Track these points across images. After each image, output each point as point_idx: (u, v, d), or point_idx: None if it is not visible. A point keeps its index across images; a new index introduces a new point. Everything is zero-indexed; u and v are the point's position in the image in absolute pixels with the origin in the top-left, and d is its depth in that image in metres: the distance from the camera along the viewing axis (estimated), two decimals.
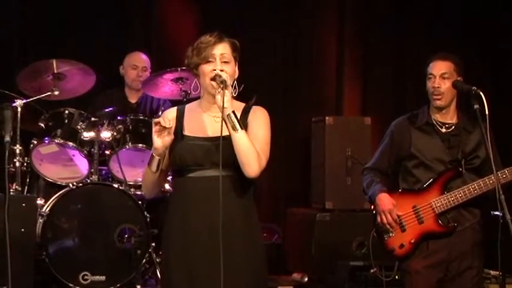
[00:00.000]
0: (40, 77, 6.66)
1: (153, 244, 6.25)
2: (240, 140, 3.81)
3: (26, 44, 7.78)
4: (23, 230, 5.33)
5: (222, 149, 3.80)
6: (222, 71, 3.87)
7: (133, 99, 7.40)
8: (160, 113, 6.87)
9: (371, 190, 5.10)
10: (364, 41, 8.15)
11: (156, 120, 3.84)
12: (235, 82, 3.98)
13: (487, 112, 4.62)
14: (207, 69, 3.91)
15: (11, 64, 7.56)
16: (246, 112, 4.00)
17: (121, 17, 7.95)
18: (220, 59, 3.92)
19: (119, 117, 6.56)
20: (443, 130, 5.07)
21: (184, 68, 6.60)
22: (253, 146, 3.83)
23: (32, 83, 6.67)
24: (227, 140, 3.83)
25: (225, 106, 3.79)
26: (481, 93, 4.66)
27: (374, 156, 5.28)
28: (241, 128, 3.81)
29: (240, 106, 4.00)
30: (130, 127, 6.56)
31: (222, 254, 3.74)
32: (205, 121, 3.97)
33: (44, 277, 6.10)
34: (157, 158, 3.90)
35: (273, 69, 7.98)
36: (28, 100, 6.28)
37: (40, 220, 6.07)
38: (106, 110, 6.54)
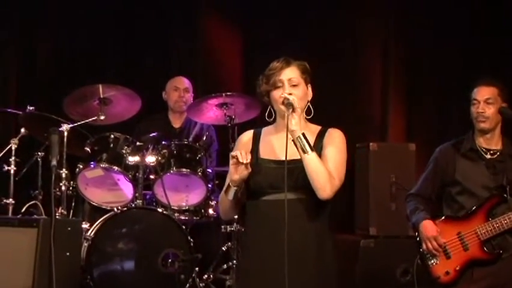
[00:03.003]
0: (86, 101, 6.72)
1: (197, 269, 6.25)
2: (311, 162, 3.83)
3: (73, 69, 7.89)
4: (68, 253, 5.35)
5: (295, 172, 3.85)
6: (290, 94, 3.92)
7: (176, 124, 7.45)
8: (204, 138, 6.89)
9: (414, 217, 5.09)
10: (409, 67, 8.12)
11: (233, 154, 3.86)
12: (309, 104, 4.03)
13: None
14: (276, 94, 3.96)
15: (58, 89, 7.66)
16: (321, 135, 4.04)
17: (166, 43, 8.03)
18: (289, 83, 3.97)
19: (163, 142, 6.59)
20: (488, 156, 5.05)
21: (229, 93, 6.65)
22: (324, 168, 3.85)
23: (78, 108, 6.73)
24: (300, 164, 3.85)
25: (293, 129, 3.83)
26: None
27: (418, 182, 5.27)
28: (312, 150, 3.84)
29: (316, 129, 4.06)
30: (175, 152, 6.58)
31: (294, 278, 3.77)
32: (280, 145, 3.97)
33: None
34: (234, 188, 3.93)
35: (316, 95, 7.96)
36: (74, 125, 6.33)
37: (85, 244, 6.09)
38: (151, 134, 6.56)
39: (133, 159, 6.47)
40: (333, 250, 4.05)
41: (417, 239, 5.08)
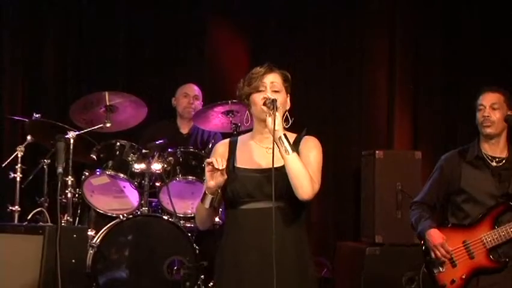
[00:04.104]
0: (93, 109, 6.73)
1: (202, 276, 6.25)
2: (292, 162, 3.83)
3: (79, 76, 7.91)
4: (73, 260, 5.36)
5: (274, 180, 3.82)
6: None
7: (184, 130, 7.46)
8: (210, 145, 6.90)
9: (420, 226, 5.09)
10: (414, 75, 8.12)
11: (209, 160, 3.86)
12: (287, 113, 4.01)
13: None
14: (257, 98, 3.96)
15: (65, 96, 7.68)
16: (297, 142, 4.02)
17: (173, 50, 8.04)
18: (271, 88, 3.97)
19: (169, 149, 6.59)
20: (494, 164, 5.05)
21: (234, 100, 6.65)
22: (305, 169, 3.84)
23: (84, 115, 6.74)
24: (279, 172, 3.84)
25: (276, 129, 3.82)
26: None
27: (423, 190, 5.27)
28: (293, 151, 3.83)
29: (291, 136, 4.02)
30: (180, 159, 6.59)
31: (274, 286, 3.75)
32: (257, 153, 4.00)
33: None
34: (210, 196, 3.92)
35: (322, 102, 7.98)
36: (80, 132, 6.34)
37: (91, 251, 6.10)
38: (157, 142, 6.57)
39: (138, 167, 6.48)
40: (311, 257, 4.05)
41: (423, 247, 5.08)
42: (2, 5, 7.71)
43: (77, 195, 6.48)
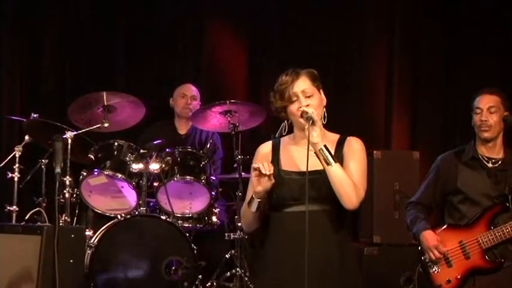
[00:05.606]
0: (91, 109, 6.73)
1: (200, 276, 6.25)
2: (335, 173, 3.82)
3: (77, 76, 7.91)
4: (71, 261, 5.35)
5: (318, 183, 3.85)
6: (307, 106, 3.91)
7: (182, 130, 7.47)
8: (208, 145, 6.89)
9: (415, 227, 5.11)
10: (413, 75, 8.12)
11: (255, 166, 3.85)
12: (325, 111, 4.02)
13: None
14: (293, 108, 3.95)
15: (63, 96, 7.68)
16: (340, 143, 4.03)
17: (171, 51, 8.04)
18: (303, 95, 3.95)
19: (167, 150, 6.59)
20: (490, 165, 5.06)
21: (233, 100, 6.66)
22: (348, 178, 3.84)
23: (82, 115, 6.74)
24: (322, 175, 3.85)
25: (315, 142, 3.82)
26: None
27: (419, 190, 5.28)
28: (335, 161, 3.83)
29: (334, 138, 4.05)
30: (178, 159, 6.59)
31: None
32: (300, 155, 3.97)
33: None
34: (257, 200, 3.92)
35: None
36: (78, 132, 6.34)
37: (88, 251, 6.10)
38: (155, 142, 6.57)
39: (136, 167, 6.48)
40: (356, 258, 4.08)
41: (419, 248, 5.09)
42: (1, 5, 7.71)
43: (75, 195, 6.47)
